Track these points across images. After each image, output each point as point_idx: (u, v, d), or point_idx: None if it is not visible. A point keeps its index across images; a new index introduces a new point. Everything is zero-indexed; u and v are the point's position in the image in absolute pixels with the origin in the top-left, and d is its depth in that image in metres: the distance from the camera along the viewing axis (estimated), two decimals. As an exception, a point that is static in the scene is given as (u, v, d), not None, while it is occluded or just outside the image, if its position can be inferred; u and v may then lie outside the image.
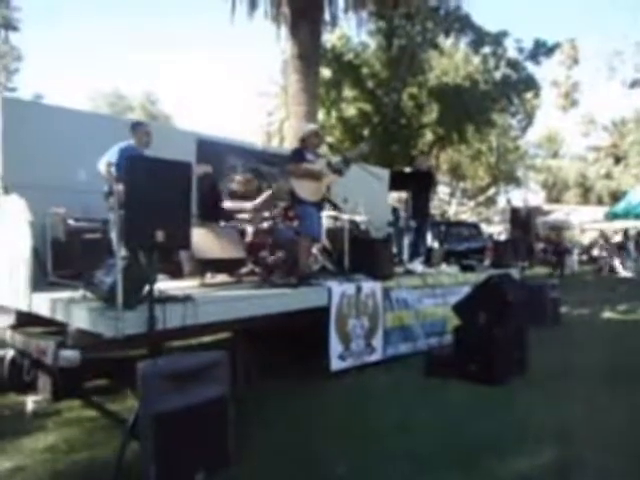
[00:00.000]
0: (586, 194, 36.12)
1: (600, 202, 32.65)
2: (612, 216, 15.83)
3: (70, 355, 3.32)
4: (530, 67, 18.27)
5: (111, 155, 4.33)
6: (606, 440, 3.26)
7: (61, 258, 4.53)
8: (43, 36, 53.53)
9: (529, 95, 19.70)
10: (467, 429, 3.42)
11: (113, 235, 4.31)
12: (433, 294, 6.00)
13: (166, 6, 63.62)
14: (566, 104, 38.81)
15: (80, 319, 3.36)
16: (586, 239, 23.54)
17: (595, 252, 20.64)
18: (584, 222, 21.03)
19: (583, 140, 38.55)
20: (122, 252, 3.27)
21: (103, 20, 61.91)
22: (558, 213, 22.58)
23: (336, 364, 4.66)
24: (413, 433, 3.37)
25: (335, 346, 4.68)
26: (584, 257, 21.01)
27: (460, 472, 2.86)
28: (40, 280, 4.21)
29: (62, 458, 3.02)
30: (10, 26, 25.43)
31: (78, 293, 3.58)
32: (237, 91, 65.57)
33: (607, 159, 35.96)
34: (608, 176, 35.14)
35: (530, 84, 18.50)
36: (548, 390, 4.28)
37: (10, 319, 4.51)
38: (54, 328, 3.86)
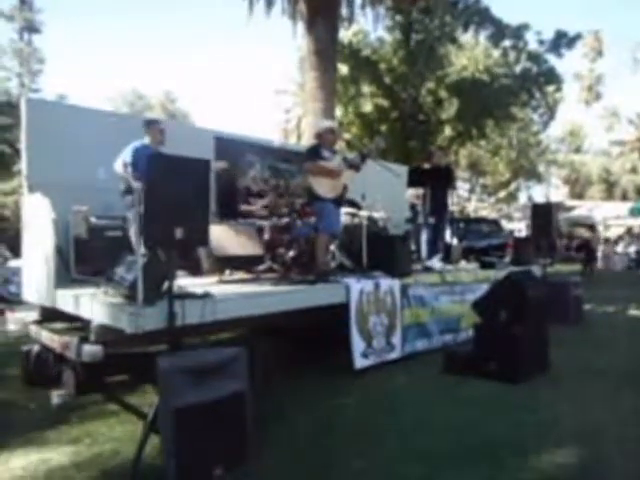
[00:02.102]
0: (610, 189, 35.29)
1: (625, 197, 31.88)
2: (637, 211, 15.44)
3: (93, 350, 3.38)
4: (552, 60, 17.86)
5: (126, 155, 4.38)
6: (629, 442, 3.19)
7: (83, 255, 4.62)
8: (64, 37, 54.52)
9: (551, 89, 19.26)
10: (487, 428, 3.38)
11: (132, 232, 4.37)
12: (451, 291, 5.95)
13: (183, 4, 64.19)
14: (589, 97, 37.94)
15: (102, 315, 3.42)
16: (610, 235, 22.99)
17: (619, 249, 20.15)
18: (608, 218, 20.55)
19: (607, 134, 37.67)
20: (142, 249, 3.32)
21: (121, 20, 62.74)
22: (581, 209, 22.10)
23: (359, 362, 4.64)
24: (432, 431, 3.34)
25: (358, 344, 4.66)
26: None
27: (479, 471, 2.82)
28: (63, 277, 4.30)
29: (85, 450, 3.09)
30: (33, 29, 25.98)
31: (100, 289, 3.64)
32: (255, 89, 65.84)
33: (632, 153, 35.04)
34: (633, 170, 34.26)
35: (551, 77, 18.08)
36: (570, 389, 4.20)
37: (35, 315, 4.63)
38: (77, 324, 3.94)
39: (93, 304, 3.52)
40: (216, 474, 2.61)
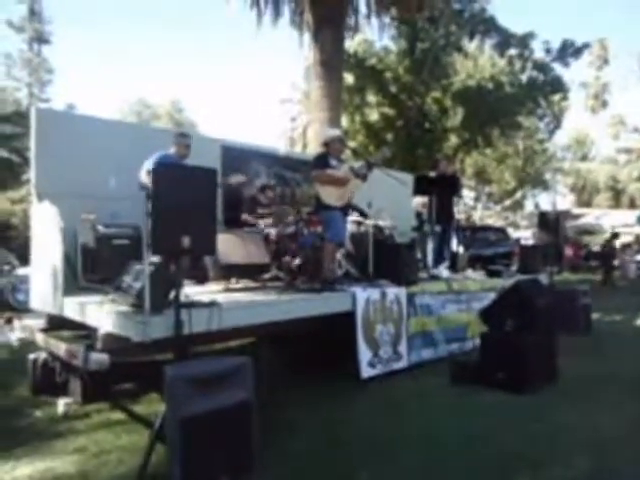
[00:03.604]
0: (618, 197, 35.08)
1: (632, 205, 31.67)
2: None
3: (99, 358, 3.38)
4: (558, 69, 17.92)
5: (149, 163, 4.43)
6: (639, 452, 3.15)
7: (91, 263, 4.64)
8: (72, 47, 55.26)
9: (557, 97, 19.28)
10: (495, 439, 3.34)
11: None
12: (457, 300, 5.92)
13: (190, 15, 64.92)
14: (595, 105, 37.89)
15: (109, 323, 3.43)
16: (617, 243, 22.76)
17: (627, 257, 19.95)
18: (615, 226, 20.39)
19: (613, 142, 37.52)
20: (150, 257, 3.32)
21: (129, 30, 63.54)
22: (588, 217, 21.96)
23: (366, 371, 4.61)
24: (439, 442, 3.31)
25: (364, 353, 4.63)
26: (616, 262, 20.32)
27: (488, 482, 2.79)
28: (71, 285, 4.32)
29: (91, 459, 3.08)
30: (42, 39, 26.37)
31: (107, 297, 3.65)
32: (261, 97, 66.30)
33: (639, 161, 34.86)
34: (641, 179, 34.07)
35: (557, 86, 18.11)
36: (579, 399, 4.15)
37: (42, 322, 4.64)
38: (84, 332, 3.95)
39: (100, 312, 3.54)
40: (222, 484, 2.59)
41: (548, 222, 7.61)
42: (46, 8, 26.43)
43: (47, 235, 4.46)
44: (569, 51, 17.58)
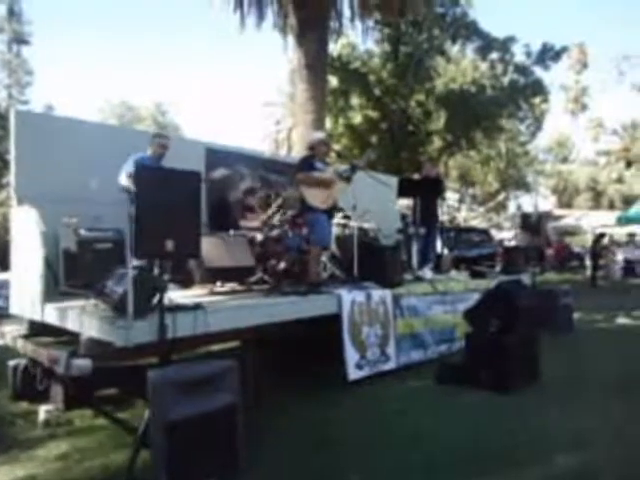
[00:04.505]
0: (597, 199, 35.77)
1: (612, 207, 32.32)
2: (624, 220, 15.70)
3: (82, 364, 3.33)
4: (539, 72, 18.24)
5: (128, 166, 4.38)
6: (622, 449, 3.20)
7: (72, 268, 4.56)
8: (54, 48, 54.50)
9: (537, 100, 19.60)
10: (480, 438, 3.38)
11: None
12: (442, 301, 5.96)
13: (174, 19, 64.57)
14: (575, 108, 38.62)
15: (92, 328, 3.38)
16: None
17: (611, 257, 20.31)
18: (595, 227, 20.79)
19: (593, 144, 38.31)
20: (133, 261, 3.29)
21: (111, 32, 62.89)
22: (569, 218, 22.34)
23: (354, 373, 4.61)
24: (426, 443, 3.33)
25: (351, 355, 4.64)
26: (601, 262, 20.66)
27: (473, 481, 2.82)
28: (52, 290, 4.25)
29: (74, 466, 3.04)
30: (22, 40, 25.94)
31: (89, 302, 3.60)
32: (246, 100, 66.15)
33: (618, 163, 35.63)
34: (620, 180, 34.81)
35: (538, 89, 18.42)
36: (561, 398, 4.22)
37: (23, 328, 4.56)
38: (65, 337, 3.89)
39: (82, 317, 3.48)
40: (207, 488, 2.58)
41: (530, 223, 7.75)
42: (27, 9, 26.06)
43: (27, 239, 4.39)
44: (549, 54, 17.89)
